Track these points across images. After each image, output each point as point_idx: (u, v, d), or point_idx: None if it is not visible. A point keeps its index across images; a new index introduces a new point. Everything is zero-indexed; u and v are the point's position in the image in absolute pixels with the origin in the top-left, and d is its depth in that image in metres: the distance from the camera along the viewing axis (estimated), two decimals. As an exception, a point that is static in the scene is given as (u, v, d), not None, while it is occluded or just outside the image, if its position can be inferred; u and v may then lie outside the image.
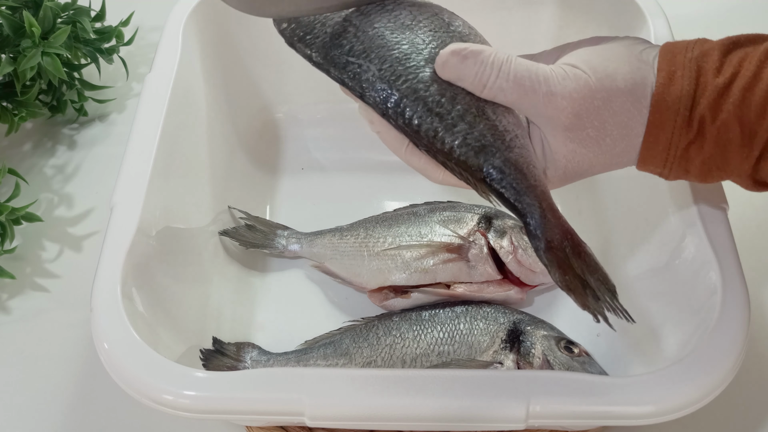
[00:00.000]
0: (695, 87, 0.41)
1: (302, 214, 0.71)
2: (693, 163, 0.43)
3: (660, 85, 0.42)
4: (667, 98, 0.42)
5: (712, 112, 0.41)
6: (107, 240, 0.52)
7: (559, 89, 0.42)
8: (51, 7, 0.70)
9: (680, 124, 0.42)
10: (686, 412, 0.44)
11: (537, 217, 0.43)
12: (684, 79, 0.42)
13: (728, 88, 0.41)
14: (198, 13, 0.67)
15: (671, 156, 0.43)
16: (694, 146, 0.43)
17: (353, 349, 0.59)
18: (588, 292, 0.43)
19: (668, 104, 0.42)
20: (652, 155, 0.43)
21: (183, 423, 0.57)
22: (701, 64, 0.42)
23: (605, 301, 0.43)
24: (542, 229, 0.43)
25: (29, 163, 0.77)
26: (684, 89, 0.42)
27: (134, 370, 0.46)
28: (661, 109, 0.42)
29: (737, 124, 0.41)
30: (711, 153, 0.42)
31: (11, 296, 0.66)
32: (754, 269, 0.63)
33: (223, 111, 0.71)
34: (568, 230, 0.43)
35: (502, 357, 0.57)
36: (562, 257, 0.43)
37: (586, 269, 0.43)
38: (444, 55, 0.43)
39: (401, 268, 0.61)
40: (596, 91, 0.42)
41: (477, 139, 0.43)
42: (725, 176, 0.44)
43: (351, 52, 0.46)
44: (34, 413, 0.59)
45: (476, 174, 0.43)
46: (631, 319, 0.43)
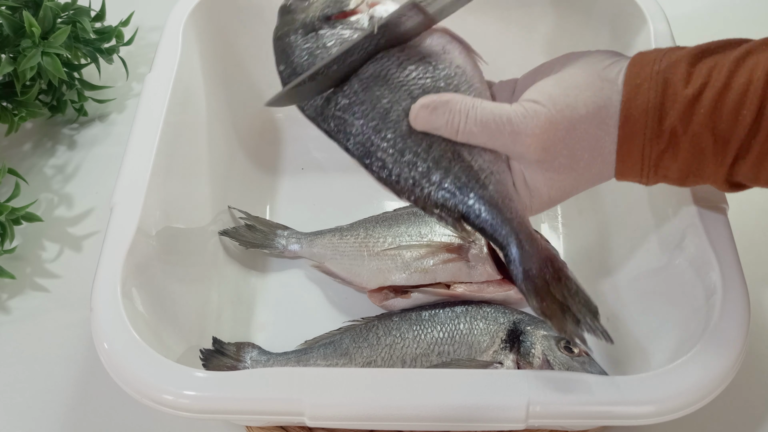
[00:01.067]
0: (662, 99, 0.42)
1: (302, 214, 0.71)
2: (670, 170, 0.44)
3: (626, 101, 0.43)
4: (633, 112, 0.43)
5: (683, 122, 0.42)
6: (107, 240, 0.52)
7: (522, 128, 0.43)
8: (51, 7, 0.70)
9: (650, 135, 0.43)
10: (686, 412, 0.44)
11: (514, 248, 0.45)
12: (650, 91, 0.42)
13: (698, 99, 0.41)
14: (198, 13, 0.67)
15: (645, 166, 0.44)
16: (668, 155, 0.43)
17: (353, 349, 0.59)
18: (567, 317, 0.45)
19: (635, 118, 0.43)
20: (628, 167, 0.44)
21: (183, 423, 0.57)
22: (668, 76, 0.42)
23: (586, 324, 0.45)
24: (520, 259, 0.45)
25: (29, 163, 0.77)
26: (650, 101, 0.42)
27: (134, 370, 0.46)
28: (629, 123, 0.43)
29: (710, 133, 0.42)
30: (686, 161, 0.43)
31: (11, 296, 0.66)
32: (754, 269, 0.63)
33: (223, 111, 0.71)
34: (548, 257, 0.45)
35: (502, 357, 0.57)
36: (540, 285, 0.45)
37: (567, 293, 0.45)
38: (414, 110, 0.45)
39: (401, 268, 0.61)
40: (557, 123, 0.43)
41: (452, 182, 0.46)
42: (701, 181, 0.45)
43: (338, 107, 0.48)
44: (34, 413, 0.59)
45: (454, 214, 0.46)
46: (610, 339, 0.45)
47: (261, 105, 0.77)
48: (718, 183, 0.44)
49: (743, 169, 0.42)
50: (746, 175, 0.43)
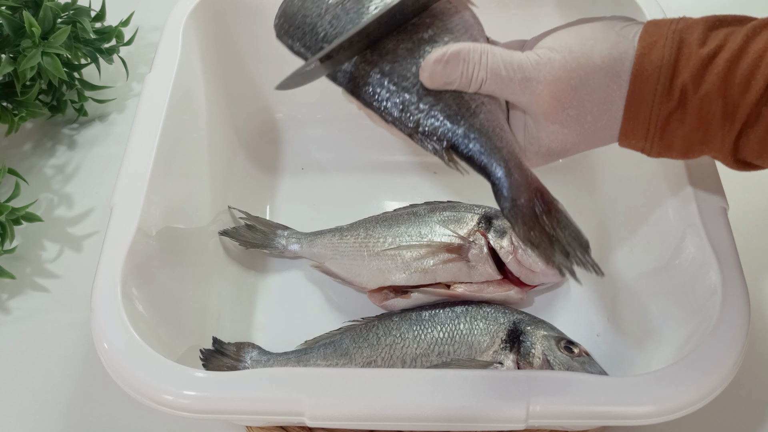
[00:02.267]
0: (677, 56, 0.42)
1: (302, 214, 0.71)
2: (675, 136, 0.43)
3: (639, 55, 0.42)
4: (647, 67, 0.42)
5: (695, 82, 0.41)
6: (107, 240, 0.52)
7: (533, 74, 0.42)
8: (51, 7, 0.70)
9: (660, 92, 0.42)
10: (686, 412, 0.44)
11: (502, 177, 0.44)
12: (665, 48, 0.42)
13: (712, 60, 0.41)
14: (198, 13, 0.67)
15: (652, 127, 0.43)
16: (675, 117, 0.42)
17: (353, 349, 0.59)
18: (556, 248, 0.43)
19: (648, 73, 0.42)
20: (633, 127, 0.44)
21: (183, 423, 0.57)
22: (684, 35, 0.42)
23: (575, 257, 0.43)
24: (507, 188, 0.44)
25: (29, 163, 0.77)
26: (665, 58, 0.42)
27: (134, 370, 0.46)
28: (641, 79, 0.42)
29: (720, 96, 0.41)
30: (693, 126, 0.42)
31: (11, 296, 0.66)
32: (754, 269, 0.63)
33: (223, 111, 0.71)
34: (537, 188, 0.44)
35: (502, 357, 0.57)
36: (529, 214, 0.43)
37: (557, 225, 0.44)
38: (428, 67, 0.44)
39: (401, 268, 0.61)
40: (572, 71, 0.42)
41: (442, 110, 0.45)
42: (707, 151, 0.44)
43: (326, 38, 0.47)
44: (34, 413, 0.59)
45: (443, 143, 0.45)
46: (601, 272, 0.44)
47: (261, 105, 0.77)
48: (724, 154, 0.43)
49: (750, 141, 0.42)
50: (753, 149, 0.42)
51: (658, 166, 0.57)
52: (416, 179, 0.73)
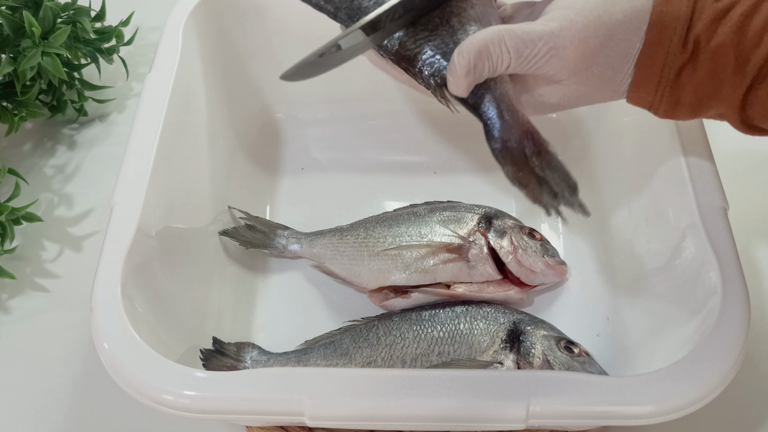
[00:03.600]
0: (693, 8, 0.42)
1: (302, 214, 0.71)
2: (685, 89, 0.43)
3: (657, 4, 0.42)
4: (664, 18, 0.42)
5: (708, 34, 0.42)
6: (107, 240, 0.52)
7: (559, 42, 0.42)
8: (51, 7, 0.70)
9: (676, 43, 0.42)
10: (686, 412, 0.44)
11: (494, 116, 0.44)
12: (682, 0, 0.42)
13: (726, 13, 0.41)
14: (198, 13, 0.67)
15: (664, 78, 0.43)
16: (687, 70, 0.43)
17: (353, 349, 0.59)
18: (544, 188, 0.44)
19: (665, 23, 0.42)
20: (646, 77, 0.44)
21: (183, 423, 0.57)
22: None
23: (563, 197, 0.44)
24: (498, 128, 0.44)
25: (29, 163, 0.77)
26: (682, 9, 0.42)
27: (134, 370, 0.46)
28: (659, 28, 0.42)
29: (732, 49, 0.42)
30: (703, 78, 0.43)
31: (11, 296, 0.66)
32: (754, 269, 0.63)
33: (223, 111, 0.71)
34: (529, 130, 0.44)
35: (502, 357, 0.57)
36: (518, 155, 0.43)
37: (546, 167, 0.44)
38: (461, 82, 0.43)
39: (401, 268, 0.61)
40: (597, 29, 0.42)
41: (438, 46, 0.45)
42: (715, 106, 0.44)
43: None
44: (34, 413, 0.59)
45: (437, 79, 0.45)
46: (587, 212, 0.44)
47: (261, 105, 0.77)
48: (732, 111, 0.44)
49: (759, 97, 0.42)
50: (760, 107, 0.42)
51: (659, 165, 0.58)
52: (416, 179, 0.73)
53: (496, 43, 0.42)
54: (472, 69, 0.43)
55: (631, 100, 0.46)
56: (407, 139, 0.75)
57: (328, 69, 0.46)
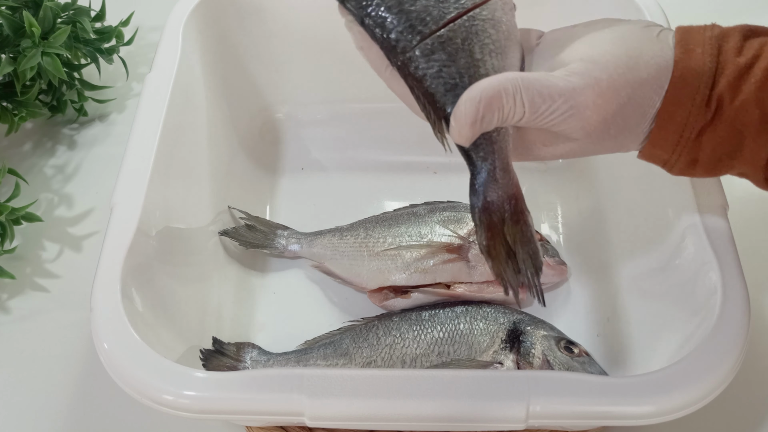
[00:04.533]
0: (716, 64, 0.40)
1: (302, 214, 0.71)
2: (704, 150, 0.41)
3: (680, 60, 0.40)
4: (686, 74, 0.40)
5: (732, 91, 0.39)
6: (107, 240, 0.52)
7: (581, 101, 0.39)
8: (51, 7, 0.70)
9: (699, 102, 0.40)
10: (686, 412, 0.44)
11: (485, 173, 0.42)
12: (705, 56, 0.40)
13: (750, 69, 0.39)
14: (198, 13, 0.67)
15: (684, 138, 0.41)
16: (709, 129, 0.40)
17: (353, 349, 0.59)
18: (510, 264, 0.42)
19: (688, 81, 0.40)
20: (663, 136, 0.41)
21: (183, 423, 0.57)
22: (721, 43, 0.40)
23: (525, 277, 0.42)
24: (485, 187, 0.42)
25: (29, 163, 0.77)
26: (706, 65, 0.40)
27: (134, 370, 0.46)
28: (680, 86, 0.40)
29: (756, 106, 0.39)
30: (725, 137, 0.40)
31: (11, 296, 0.66)
32: (754, 269, 0.63)
33: (223, 111, 0.71)
34: (514, 194, 0.42)
35: (502, 357, 0.57)
36: (497, 221, 0.42)
37: (518, 239, 0.42)
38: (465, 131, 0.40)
39: (401, 269, 0.61)
40: (621, 89, 0.40)
41: (451, 76, 0.41)
42: (737, 166, 0.42)
43: None
44: (34, 413, 0.59)
45: (439, 112, 0.42)
46: (543, 302, 0.43)
47: (261, 105, 0.77)
48: (756, 169, 0.41)
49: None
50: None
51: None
52: (416, 179, 0.73)
53: (511, 95, 0.39)
54: (479, 120, 0.39)
55: (644, 157, 0.43)
56: (407, 139, 0.75)
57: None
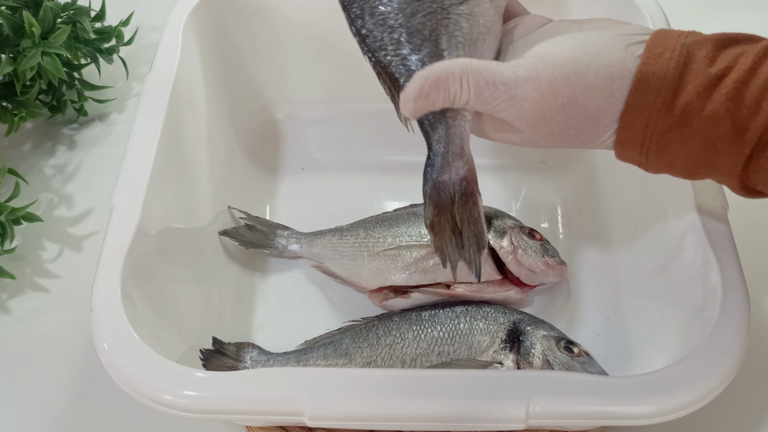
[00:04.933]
0: (682, 71, 0.40)
1: (302, 214, 0.71)
2: (677, 156, 0.42)
3: (643, 64, 0.40)
4: (649, 77, 0.40)
5: (701, 101, 0.40)
6: (107, 240, 0.52)
7: (520, 92, 0.41)
8: (51, 7, 0.70)
9: (660, 104, 0.40)
10: (686, 412, 0.44)
11: (439, 154, 0.43)
12: (671, 60, 0.40)
13: (721, 79, 0.39)
14: (198, 13, 0.67)
15: (647, 140, 0.41)
16: (676, 135, 0.41)
17: (353, 349, 0.59)
18: (453, 240, 0.43)
19: (649, 83, 0.40)
20: (628, 137, 0.42)
21: (183, 423, 0.57)
22: (692, 51, 0.40)
23: (467, 253, 0.43)
24: (438, 167, 0.43)
25: (29, 163, 0.77)
26: (669, 70, 0.40)
27: (134, 370, 0.46)
28: (641, 88, 0.40)
29: (728, 117, 0.39)
30: (697, 147, 0.41)
31: (11, 296, 0.66)
32: (754, 269, 0.63)
33: (223, 111, 0.71)
34: (465, 177, 0.43)
35: (502, 357, 0.57)
36: (445, 200, 0.43)
37: (466, 218, 0.43)
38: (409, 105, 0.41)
39: (401, 269, 0.61)
40: (560, 89, 0.41)
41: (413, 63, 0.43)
42: (712, 174, 0.42)
43: None
44: (34, 413, 0.59)
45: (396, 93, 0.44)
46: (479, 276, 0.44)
47: (261, 105, 0.77)
48: (731, 178, 0.42)
49: (761, 166, 0.40)
50: (763, 175, 0.40)
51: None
52: (416, 179, 0.72)
53: (457, 77, 0.41)
54: (423, 96, 0.41)
55: (619, 156, 0.44)
56: (407, 139, 0.74)
57: None
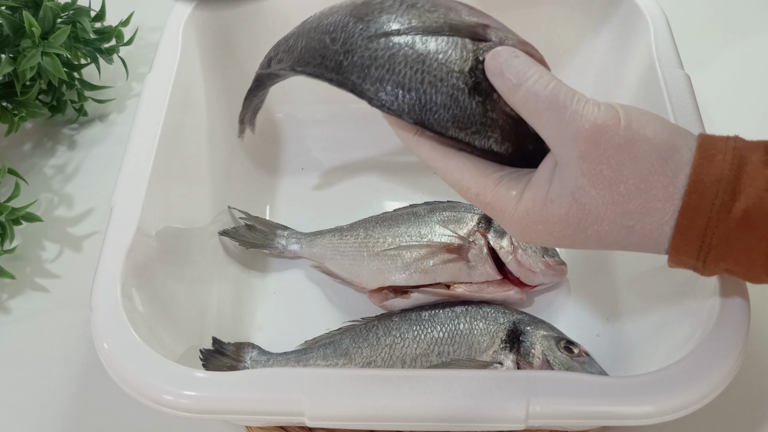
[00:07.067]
0: (737, 173, 0.39)
1: (302, 214, 0.71)
2: (738, 262, 0.41)
3: (697, 165, 0.40)
4: (704, 179, 0.39)
5: (763, 202, 0.39)
6: (107, 240, 0.52)
7: (586, 111, 0.40)
8: (51, 7, 0.70)
9: (718, 208, 0.39)
10: (686, 412, 0.44)
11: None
12: (725, 163, 0.39)
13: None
14: (198, 13, 0.67)
15: (705, 245, 0.40)
16: (737, 240, 0.40)
17: (353, 349, 0.59)
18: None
19: (706, 186, 0.39)
20: (686, 241, 0.41)
21: (183, 423, 0.57)
22: (745, 153, 0.40)
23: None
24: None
25: (29, 163, 0.77)
26: (725, 172, 0.39)
27: (134, 370, 0.46)
28: (698, 190, 0.39)
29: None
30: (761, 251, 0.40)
31: (11, 296, 0.66)
32: (754, 269, 0.63)
33: (223, 111, 0.71)
34: None
35: (502, 357, 0.57)
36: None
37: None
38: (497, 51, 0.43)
39: (401, 269, 0.61)
40: (622, 129, 0.40)
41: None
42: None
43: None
44: (34, 413, 0.59)
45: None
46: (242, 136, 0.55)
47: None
48: None
49: None
50: None
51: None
52: (416, 179, 0.73)
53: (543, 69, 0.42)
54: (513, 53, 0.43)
55: (673, 263, 0.43)
56: (407, 139, 0.75)
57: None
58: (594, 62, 0.71)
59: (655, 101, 0.59)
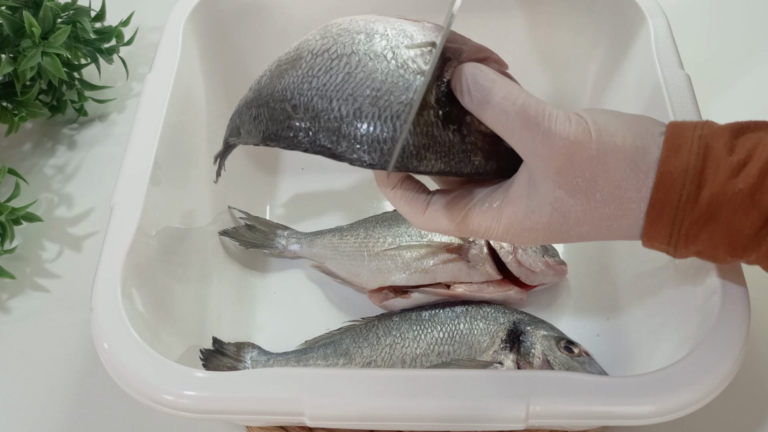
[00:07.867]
0: (703, 164, 0.41)
1: (302, 214, 0.71)
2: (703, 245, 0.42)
3: (665, 158, 0.41)
4: (672, 170, 0.41)
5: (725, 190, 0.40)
6: (107, 240, 0.52)
7: (558, 128, 0.41)
8: (51, 7, 0.70)
9: (686, 199, 0.41)
10: (686, 412, 0.44)
11: None
12: (691, 154, 0.41)
13: (743, 167, 0.40)
14: (198, 13, 0.67)
15: (674, 234, 0.42)
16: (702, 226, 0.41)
17: (353, 349, 0.59)
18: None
19: (673, 178, 0.41)
20: (656, 231, 0.42)
21: (183, 423, 0.57)
22: (710, 142, 0.41)
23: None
24: None
25: (29, 163, 0.77)
26: (691, 163, 0.41)
27: (134, 370, 0.46)
28: (666, 183, 0.41)
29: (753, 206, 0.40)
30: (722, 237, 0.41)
31: (11, 296, 0.66)
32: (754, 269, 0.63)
33: (223, 111, 0.71)
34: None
35: (502, 357, 0.57)
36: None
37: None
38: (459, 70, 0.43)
39: (401, 269, 0.61)
40: (593, 142, 0.41)
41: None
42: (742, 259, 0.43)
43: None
44: (34, 413, 0.59)
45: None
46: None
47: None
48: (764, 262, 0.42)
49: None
50: None
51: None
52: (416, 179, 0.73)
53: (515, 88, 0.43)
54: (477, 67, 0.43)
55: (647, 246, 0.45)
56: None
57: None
58: (594, 62, 0.71)
59: (655, 101, 0.59)
